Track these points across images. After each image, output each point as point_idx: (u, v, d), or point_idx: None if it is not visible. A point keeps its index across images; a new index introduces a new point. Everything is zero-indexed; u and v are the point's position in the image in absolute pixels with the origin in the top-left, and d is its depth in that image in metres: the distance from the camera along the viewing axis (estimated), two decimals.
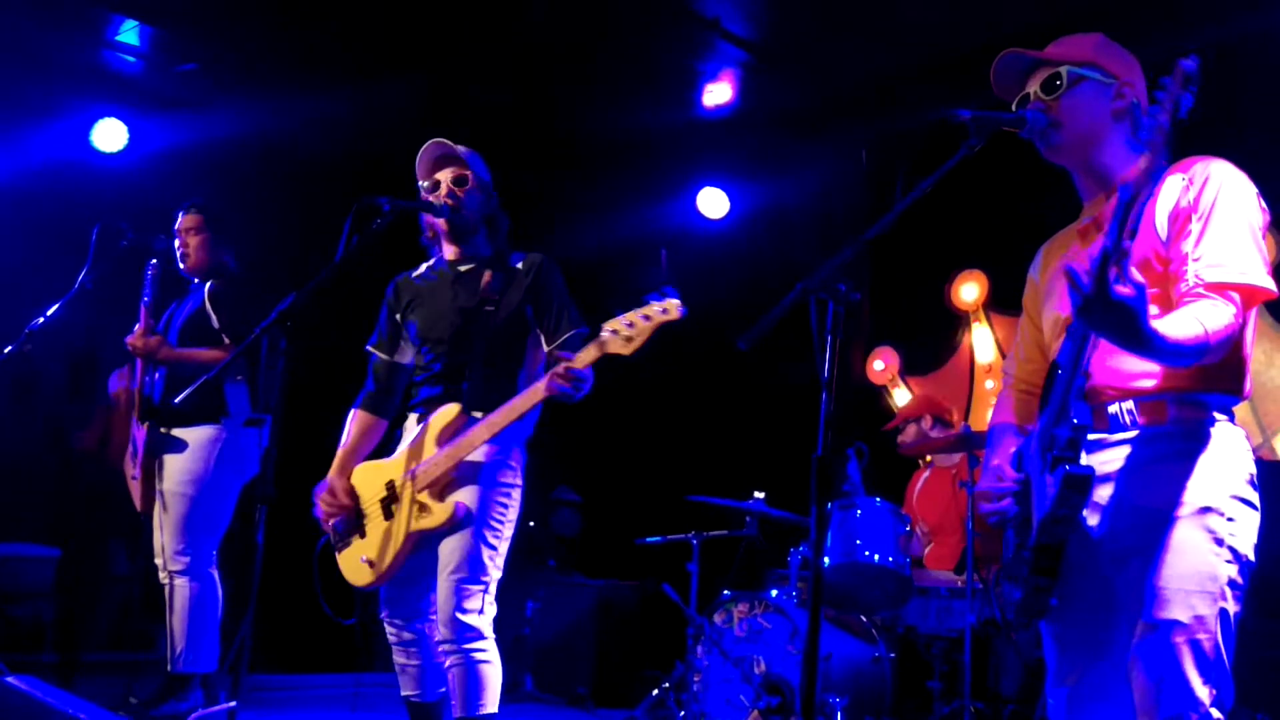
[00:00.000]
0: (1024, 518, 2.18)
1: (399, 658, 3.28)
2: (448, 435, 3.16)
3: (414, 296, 3.41)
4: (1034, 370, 2.43)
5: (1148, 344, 1.91)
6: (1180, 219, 2.10)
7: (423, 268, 3.49)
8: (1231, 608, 2.05)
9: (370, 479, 3.27)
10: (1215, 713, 2.02)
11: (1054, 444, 2.07)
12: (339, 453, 3.37)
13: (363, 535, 3.23)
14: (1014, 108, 2.33)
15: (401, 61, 5.83)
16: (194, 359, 4.23)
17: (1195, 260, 2.05)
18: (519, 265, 3.33)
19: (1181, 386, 2.09)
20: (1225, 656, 2.04)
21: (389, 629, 3.28)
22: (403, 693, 3.30)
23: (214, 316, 4.32)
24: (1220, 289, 2.02)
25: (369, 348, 3.48)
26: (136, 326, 4.28)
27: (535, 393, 3.02)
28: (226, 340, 4.27)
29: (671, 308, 2.90)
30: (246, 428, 4.28)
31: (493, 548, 3.12)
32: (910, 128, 5.96)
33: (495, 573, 3.13)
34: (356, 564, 3.22)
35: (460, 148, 3.40)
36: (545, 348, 3.27)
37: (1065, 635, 2.23)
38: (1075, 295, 1.85)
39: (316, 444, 3.71)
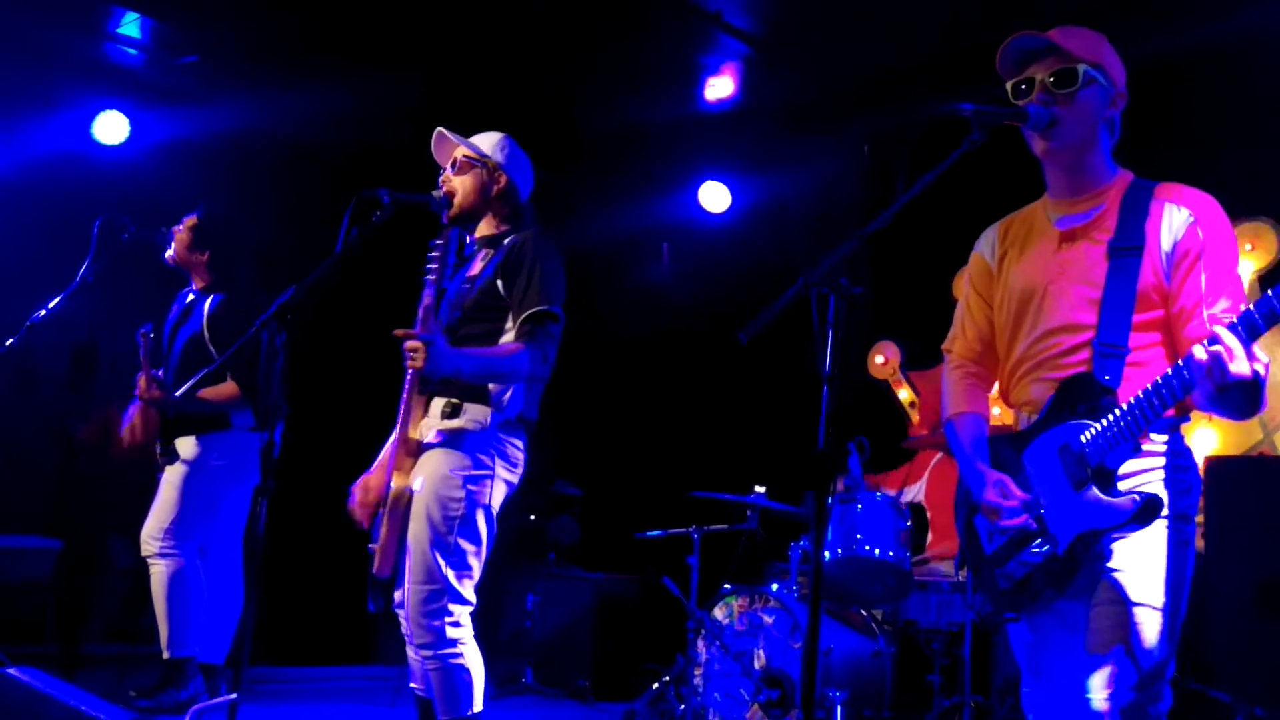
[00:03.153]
0: (1042, 527, 2.22)
1: (410, 651, 3.26)
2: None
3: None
4: (982, 348, 2.48)
5: (1257, 408, 2.00)
6: (1189, 258, 2.15)
7: None
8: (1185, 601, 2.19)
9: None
10: (1167, 690, 2.16)
11: (1103, 464, 2.11)
12: (386, 446, 3.30)
13: (380, 523, 3.23)
14: (1010, 88, 2.30)
15: (402, 53, 5.82)
16: (203, 406, 4.24)
17: (1209, 306, 2.13)
18: (506, 241, 3.23)
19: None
20: (1176, 641, 2.17)
21: (402, 621, 3.27)
22: (410, 684, 3.29)
23: (211, 347, 4.31)
24: None
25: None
26: (140, 378, 4.25)
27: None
28: (229, 376, 4.23)
29: None
30: (250, 434, 4.30)
31: (446, 546, 3.00)
32: (912, 122, 5.95)
33: (453, 573, 3.02)
34: (371, 550, 3.20)
35: (492, 137, 3.36)
36: (513, 323, 3.11)
37: (1033, 625, 2.32)
38: (1208, 384, 1.90)
39: (319, 437, 3.73)
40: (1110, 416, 2.10)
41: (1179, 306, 2.16)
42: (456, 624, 3.02)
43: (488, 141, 3.37)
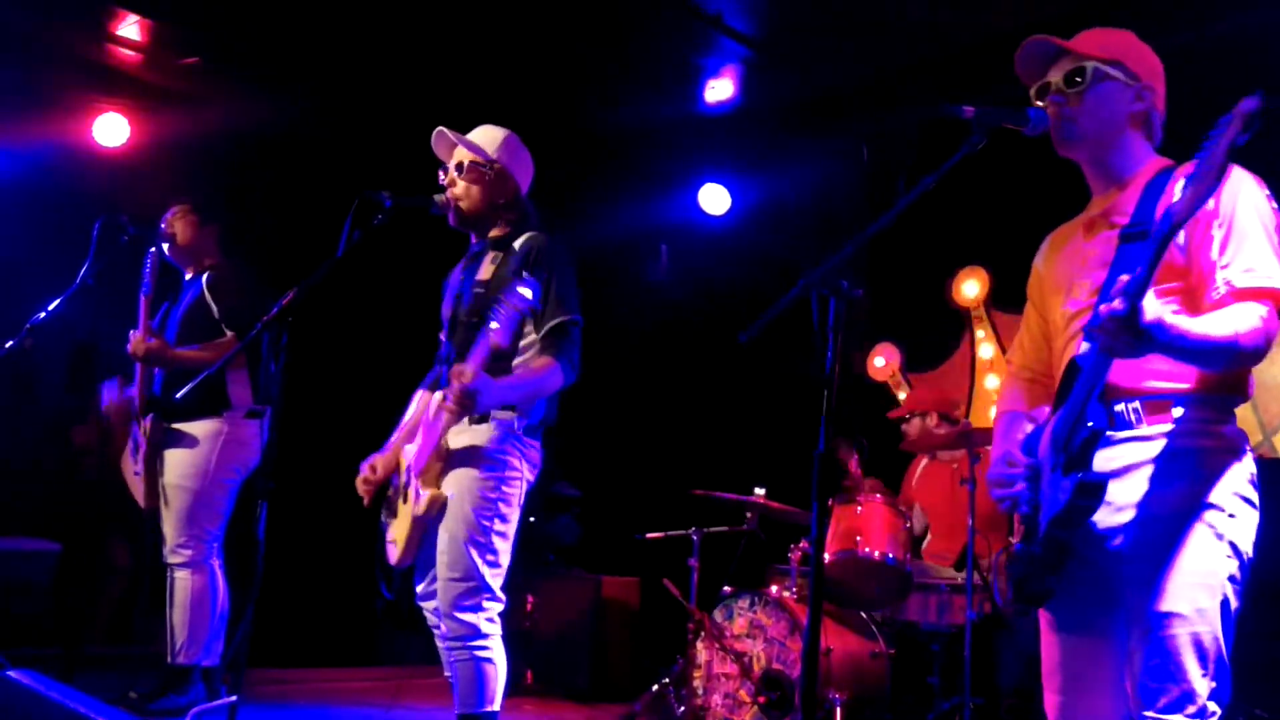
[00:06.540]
0: (1034, 505, 2.15)
1: (438, 641, 3.24)
2: (426, 422, 3.14)
3: (446, 282, 3.38)
4: (1038, 358, 2.42)
5: (1174, 347, 1.92)
6: (1201, 225, 2.07)
7: None
8: (1233, 602, 2.06)
9: (403, 460, 3.24)
10: (1213, 706, 2.02)
11: (1068, 445, 2.05)
12: (398, 430, 3.32)
13: (394, 515, 3.22)
14: (1033, 93, 2.29)
15: (405, 54, 5.83)
16: (195, 361, 4.22)
17: (1224, 268, 2.05)
18: (516, 244, 3.19)
19: (1189, 388, 2.09)
20: (1225, 651, 2.04)
21: (427, 614, 3.26)
22: (445, 673, 3.28)
23: (214, 306, 4.32)
24: (1253, 295, 2.02)
25: (441, 335, 3.38)
26: (133, 333, 4.23)
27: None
28: (227, 330, 4.26)
29: (525, 293, 2.89)
30: (248, 420, 4.29)
31: (481, 544, 3.04)
32: (912, 124, 5.96)
33: (488, 569, 3.05)
34: (389, 542, 3.22)
35: (495, 134, 3.28)
36: (536, 333, 3.11)
37: (1063, 627, 2.23)
38: (1099, 337, 1.88)
39: (317, 438, 3.72)
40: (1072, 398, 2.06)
41: (1196, 273, 2.09)
42: (490, 619, 3.06)
43: (491, 141, 3.28)
